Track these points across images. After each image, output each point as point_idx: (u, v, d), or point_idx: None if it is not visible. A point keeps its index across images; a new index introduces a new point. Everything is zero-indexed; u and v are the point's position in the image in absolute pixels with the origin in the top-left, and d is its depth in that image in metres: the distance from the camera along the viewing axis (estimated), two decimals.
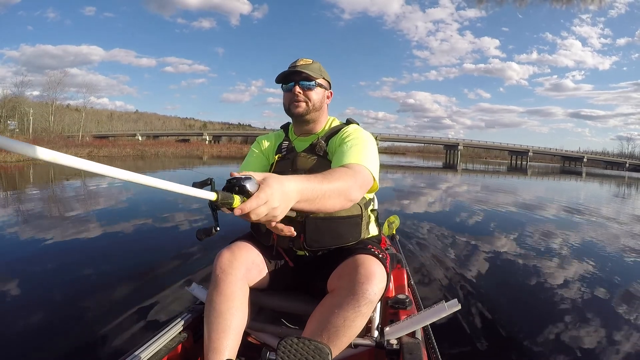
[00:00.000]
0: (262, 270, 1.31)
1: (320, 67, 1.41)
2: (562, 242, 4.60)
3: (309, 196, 0.90)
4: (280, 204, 0.78)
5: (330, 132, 1.40)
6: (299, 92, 1.34)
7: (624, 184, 20.26)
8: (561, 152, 75.99)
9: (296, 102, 1.34)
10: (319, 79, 1.37)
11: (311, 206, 0.93)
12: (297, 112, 1.35)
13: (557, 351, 1.99)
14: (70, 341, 2.02)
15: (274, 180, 0.79)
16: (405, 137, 78.69)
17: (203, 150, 39.22)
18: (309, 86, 1.35)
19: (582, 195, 12.51)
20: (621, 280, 3.21)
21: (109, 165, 0.54)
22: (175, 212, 5.58)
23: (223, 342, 1.12)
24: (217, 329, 1.13)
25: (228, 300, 1.17)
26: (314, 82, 1.35)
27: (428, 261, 3.50)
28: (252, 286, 1.28)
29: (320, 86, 1.38)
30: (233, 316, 1.16)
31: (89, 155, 23.17)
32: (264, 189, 0.76)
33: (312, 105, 1.36)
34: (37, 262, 3.28)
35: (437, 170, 26.64)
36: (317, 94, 1.37)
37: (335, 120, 1.47)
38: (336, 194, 0.96)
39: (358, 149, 1.20)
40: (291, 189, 0.84)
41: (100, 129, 77.05)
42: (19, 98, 39.04)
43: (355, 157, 1.16)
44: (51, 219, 5.10)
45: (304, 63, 1.38)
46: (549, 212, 7.30)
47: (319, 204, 0.93)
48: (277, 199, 0.77)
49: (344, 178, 1.01)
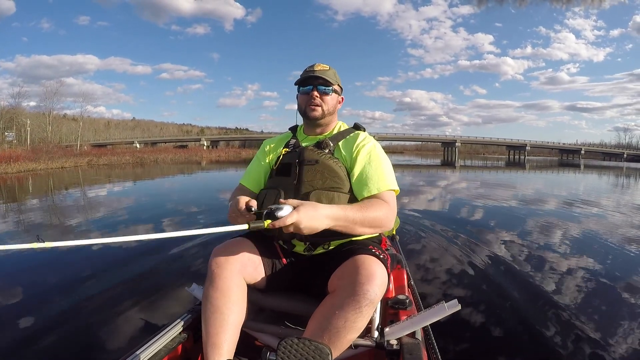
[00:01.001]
0: (259, 267, 1.32)
1: (335, 73, 1.48)
2: (563, 236, 4.57)
3: (343, 223, 1.14)
4: (306, 226, 1.05)
5: (337, 134, 1.46)
6: (316, 96, 1.40)
7: (622, 175, 20.31)
8: (559, 145, 76.02)
9: (313, 105, 1.41)
10: (335, 85, 1.45)
11: (345, 230, 1.17)
12: (313, 116, 1.42)
13: (558, 351, 1.96)
14: (71, 341, 2.03)
15: (307, 208, 1.07)
16: (403, 136, 79.05)
17: (202, 155, 39.33)
18: (325, 91, 1.42)
19: (580, 187, 12.57)
20: (623, 273, 3.20)
21: (131, 236, 0.69)
22: (175, 217, 5.63)
23: (221, 337, 1.12)
24: (214, 324, 1.14)
25: (224, 295, 1.18)
26: (331, 87, 1.43)
27: (428, 260, 3.48)
28: (250, 284, 1.30)
29: (335, 92, 1.46)
30: (230, 311, 1.17)
31: (89, 164, 23.20)
32: (292, 214, 1.04)
33: (327, 110, 1.43)
34: (37, 267, 3.29)
35: (436, 167, 26.66)
36: (332, 99, 1.44)
37: (343, 125, 1.54)
38: (372, 224, 1.20)
39: (381, 171, 1.32)
40: (323, 215, 1.09)
41: (98, 137, 76.89)
42: (17, 109, 39.06)
43: (383, 181, 1.29)
44: (57, 222, 5.14)
45: (322, 68, 1.44)
46: (548, 205, 7.33)
47: (352, 229, 1.17)
48: (304, 222, 1.05)
49: (380, 209, 1.21)
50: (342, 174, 1.31)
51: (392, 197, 1.30)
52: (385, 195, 1.27)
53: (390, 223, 1.25)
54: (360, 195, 1.29)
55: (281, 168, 1.40)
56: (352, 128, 1.51)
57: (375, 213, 1.20)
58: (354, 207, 1.18)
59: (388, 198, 1.27)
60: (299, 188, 1.30)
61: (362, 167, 1.32)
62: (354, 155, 1.35)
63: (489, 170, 23.46)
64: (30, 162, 19.66)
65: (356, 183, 1.31)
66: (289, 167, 1.37)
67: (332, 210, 1.12)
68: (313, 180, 1.31)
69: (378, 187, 1.27)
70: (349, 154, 1.37)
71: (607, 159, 69.46)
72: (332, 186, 1.29)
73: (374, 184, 1.28)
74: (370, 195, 1.27)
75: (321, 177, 1.31)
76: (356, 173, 1.32)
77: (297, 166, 1.34)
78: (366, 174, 1.30)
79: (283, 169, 1.39)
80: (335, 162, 1.33)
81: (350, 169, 1.34)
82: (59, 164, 21.07)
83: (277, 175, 1.41)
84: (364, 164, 1.33)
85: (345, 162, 1.36)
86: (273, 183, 1.41)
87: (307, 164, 1.33)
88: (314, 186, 1.30)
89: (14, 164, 18.31)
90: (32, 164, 19.46)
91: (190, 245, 3.82)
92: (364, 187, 1.28)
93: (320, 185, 1.29)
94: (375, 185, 1.28)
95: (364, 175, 1.30)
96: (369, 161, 1.33)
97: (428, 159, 52.27)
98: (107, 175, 15.83)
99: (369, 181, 1.29)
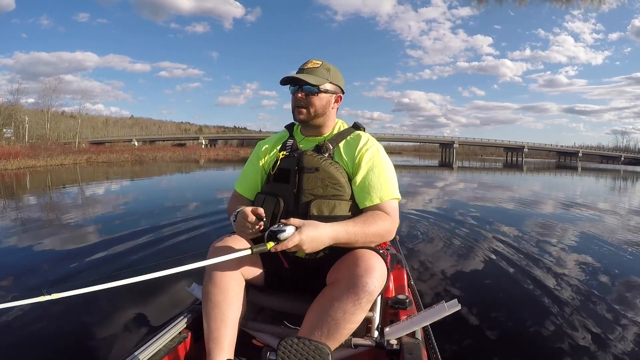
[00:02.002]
0: (257, 263, 1.31)
1: (330, 69, 1.36)
2: (562, 237, 4.57)
3: (346, 240, 1.14)
4: (308, 246, 1.06)
5: (337, 135, 1.39)
6: (300, 98, 1.32)
7: (619, 178, 20.38)
8: (556, 147, 76.27)
9: (298, 107, 1.33)
10: (323, 84, 1.33)
11: (347, 245, 1.17)
12: (299, 119, 1.35)
13: (559, 351, 1.95)
14: (70, 342, 2.03)
15: (309, 228, 1.06)
16: (401, 137, 78.99)
17: (200, 154, 39.33)
18: (311, 91, 1.31)
19: (577, 189, 12.63)
20: (623, 274, 3.18)
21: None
22: (175, 219, 5.61)
23: (222, 332, 1.14)
24: (215, 319, 1.16)
25: (222, 291, 1.19)
26: (317, 87, 1.32)
27: (428, 260, 3.48)
28: (248, 279, 1.29)
29: (326, 92, 1.34)
30: (229, 306, 1.18)
31: (88, 162, 23.16)
32: (295, 237, 1.04)
33: (314, 112, 1.33)
34: (37, 268, 3.30)
35: (433, 168, 26.64)
36: (320, 100, 1.33)
37: (343, 124, 1.47)
38: (374, 237, 1.19)
39: (384, 179, 1.28)
40: (325, 236, 1.09)
41: (96, 135, 76.54)
42: (15, 106, 38.94)
43: (385, 190, 1.26)
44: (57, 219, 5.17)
45: (312, 66, 1.34)
46: (546, 207, 7.37)
47: (353, 244, 1.17)
48: (307, 244, 1.06)
49: (382, 222, 1.20)
50: (343, 181, 1.27)
51: (395, 207, 1.27)
52: (388, 206, 1.25)
53: (392, 234, 1.23)
54: (362, 203, 1.25)
55: (279, 174, 1.34)
56: (351, 128, 1.44)
57: (377, 227, 1.18)
58: (356, 222, 1.16)
59: (390, 209, 1.25)
60: (298, 197, 1.26)
61: (364, 174, 1.27)
62: (356, 160, 1.30)
63: (486, 171, 23.51)
64: (30, 159, 19.68)
65: (358, 190, 1.27)
66: (288, 174, 1.32)
67: (333, 229, 1.11)
68: (313, 189, 1.26)
69: (380, 197, 1.24)
70: (351, 159, 1.31)
71: (605, 161, 69.66)
72: (334, 194, 1.25)
73: (377, 192, 1.24)
74: (372, 204, 1.24)
75: (322, 185, 1.26)
76: (358, 180, 1.27)
77: (296, 173, 1.29)
78: (369, 181, 1.26)
79: (281, 175, 1.34)
80: (336, 168, 1.28)
81: (353, 175, 1.29)
82: (58, 161, 21.06)
83: (275, 181, 1.35)
84: (367, 171, 1.28)
85: (347, 167, 1.31)
86: (271, 189, 1.35)
87: (307, 172, 1.28)
88: (315, 194, 1.25)
89: (13, 160, 18.31)
90: (31, 160, 19.48)
91: (189, 244, 3.80)
92: (366, 196, 1.25)
93: (321, 194, 1.25)
94: (378, 194, 1.24)
95: (366, 183, 1.26)
96: (372, 167, 1.28)
97: (426, 159, 52.18)
98: (108, 173, 15.83)
99: (371, 190, 1.25)
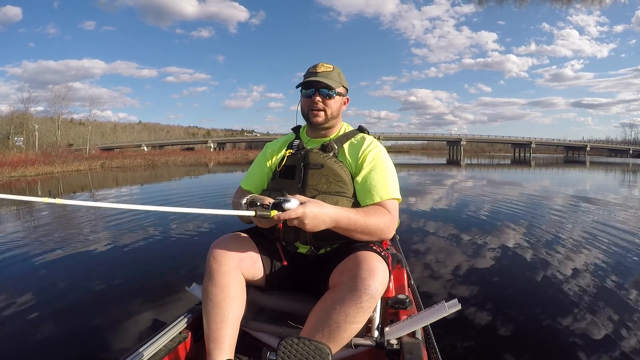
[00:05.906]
0: (257, 263, 1.30)
1: (340, 73, 1.41)
2: (568, 235, 4.43)
3: (345, 226, 1.16)
4: (310, 222, 1.07)
5: (342, 136, 1.43)
6: (318, 101, 1.35)
7: (628, 171, 20.06)
8: (564, 142, 75.72)
9: (315, 110, 1.36)
10: (338, 87, 1.38)
11: (345, 232, 1.19)
12: (316, 122, 1.38)
13: (559, 351, 1.95)
14: (70, 342, 2.06)
15: (313, 204, 1.09)
16: (408, 135, 78.54)
17: (209, 157, 39.73)
18: (329, 94, 1.36)
19: (585, 185, 12.46)
20: (630, 273, 3.10)
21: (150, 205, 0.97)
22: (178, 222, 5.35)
23: (222, 332, 1.14)
24: (215, 319, 1.16)
25: (223, 291, 1.19)
26: (334, 90, 1.36)
27: (428, 260, 3.47)
28: (249, 279, 1.29)
29: (339, 94, 1.39)
30: (229, 306, 1.18)
31: (102, 167, 23.73)
32: (299, 208, 1.05)
33: (331, 114, 1.38)
34: (38, 267, 3.40)
35: (441, 166, 26.49)
36: (335, 102, 1.38)
37: (348, 126, 1.51)
38: (373, 231, 1.20)
39: (385, 179, 1.31)
40: (327, 215, 1.11)
41: (105, 141, 77.62)
42: (26, 115, 39.78)
43: (386, 190, 1.29)
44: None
45: (325, 70, 1.37)
46: (551, 203, 7.22)
47: (352, 233, 1.19)
48: (309, 218, 1.07)
49: (382, 217, 1.22)
50: (346, 179, 1.31)
51: (395, 207, 1.30)
52: (388, 204, 1.27)
53: (391, 232, 1.25)
54: (363, 201, 1.29)
55: (285, 170, 1.38)
56: (356, 130, 1.48)
57: (378, 221, 1.20)
58: (358, 211, 1.20)
59: (390, 207, 1.28)
60: (303, 192, 1.29)
61: (366, 173, 1.31)
62: (359, 161, 1.34)
63: (494, 168, 23.45)
64: (46, 166, 20.18)
65: (360, 189, 1.31)
66: (294, 170, 1.36)
67: (335, 210, 1.14)
68: (318, 185, 1.30)
69: (381, 196, 1.27)
70: (354, 159, 1.35)
71: (613, 155, 68.80)
72: (337, 191, 1.29)
73: (378, 192, 1.28)
74: (373, 203, 1.27)
75: (326, 181, 1.30)
76: (360, 179, 1.31)
77: (302, 169, 1.34)
78: (370, 181, 1.30)
79: (287, 171, 1.37)
80: (340, 167, 1.33)
81: (355, 175, 1.33)
82: (74, 167, 21.66)
83: (280, 177, 1.39)
84: (369, 171, 1.31)
85: (350, 167, 1.35)
86: (276, 185, 1.38)
87: (313, 168, 1.32)
88: (319, 190, 1.29)
89: (30, 167, 18.85)
90: (48, 167, 20.00)
91: (190, 244, 3.89)
92: (368, 195, 1.28)
93: (324, 190, 1.29)
94: (379, 193, 1.28)
95: (368, 182, 1.30)
96: (374, 167, 1.32)
97: (434, 157, 51.72)
98: (134, 177, 16.23)
99: (372, 189, 1.28)
